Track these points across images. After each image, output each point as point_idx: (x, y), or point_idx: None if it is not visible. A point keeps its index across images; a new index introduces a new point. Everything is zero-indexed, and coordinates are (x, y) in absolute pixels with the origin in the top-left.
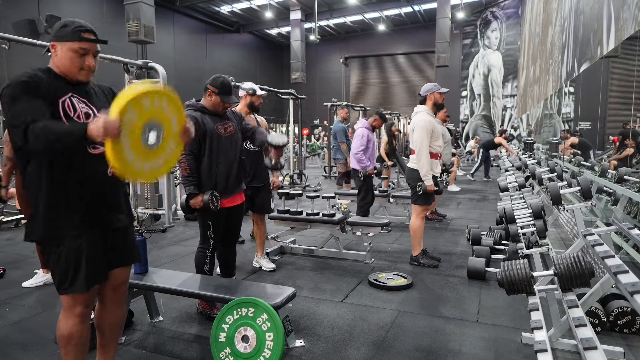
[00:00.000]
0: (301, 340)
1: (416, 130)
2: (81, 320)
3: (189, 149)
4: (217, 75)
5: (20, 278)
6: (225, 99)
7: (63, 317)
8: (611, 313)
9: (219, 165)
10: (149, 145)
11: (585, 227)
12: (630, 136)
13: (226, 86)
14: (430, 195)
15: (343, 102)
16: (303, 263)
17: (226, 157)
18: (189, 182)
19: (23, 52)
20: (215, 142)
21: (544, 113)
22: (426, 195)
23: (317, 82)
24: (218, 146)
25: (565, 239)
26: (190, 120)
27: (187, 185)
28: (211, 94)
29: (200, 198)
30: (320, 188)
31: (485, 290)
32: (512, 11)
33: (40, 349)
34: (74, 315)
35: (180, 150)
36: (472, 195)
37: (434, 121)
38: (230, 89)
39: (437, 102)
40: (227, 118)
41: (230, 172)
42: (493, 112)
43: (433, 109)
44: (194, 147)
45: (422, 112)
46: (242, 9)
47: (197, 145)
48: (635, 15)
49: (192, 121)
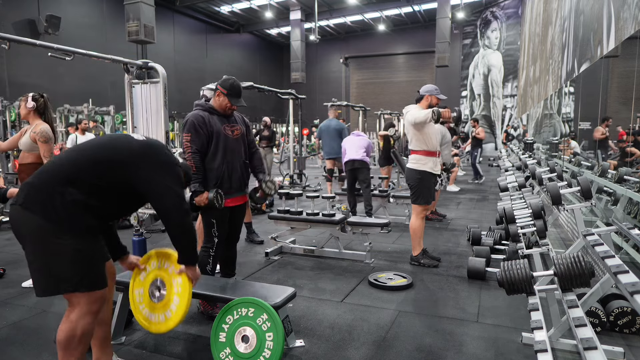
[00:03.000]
0: (301, 340)
1: (408, 115)
2: (96, 317)
3: (196, 147)
4: (228, 77)
5: (20, 278)
6: (232, 101)
7: (78, 316)
8: (611, 313)
9: (224, 166)
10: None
11: (585, 227)
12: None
13: (235, 89)
14: (430, 194)
15: (343, 102)
16: (303, 263)
17: (232, 158)
18: (195, 179)
19: (23, 52)
20: (221, 142)
21: (544, 113)
22: (425, 193)
23: (317, 82)
24: (224, 147)
25: (565, 239)
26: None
27: (192, 182)
28: (220, 95)
29: (206, 195)
30: (320, 188)
31: (485, 290)
32: (512, 11)
33: (40, 349)
34: (92, 313)
35: (183, 312)
36: (472, 195)
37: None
38: (239, 92)
39: (431, 105)
40: (236, 121)
41: (234, 173)
42: (493, 112)
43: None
44: (200, 146)
45: (414, 107)
46: (242, 9)
47: (204, 145)
48: (635, 15)
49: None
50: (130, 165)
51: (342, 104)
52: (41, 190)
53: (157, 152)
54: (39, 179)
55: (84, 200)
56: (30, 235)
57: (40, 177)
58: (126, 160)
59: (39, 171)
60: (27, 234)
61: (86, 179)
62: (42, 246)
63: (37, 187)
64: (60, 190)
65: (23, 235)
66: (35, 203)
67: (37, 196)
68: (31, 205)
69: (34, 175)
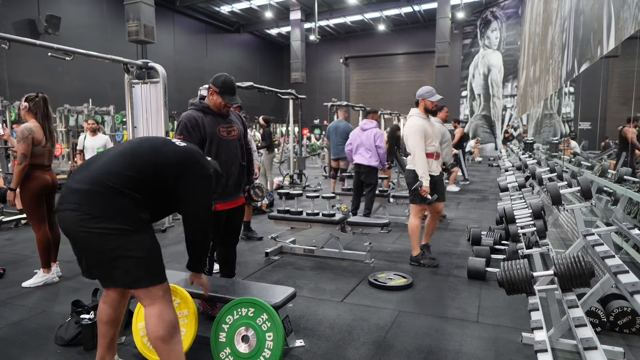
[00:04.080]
0: (301, 340)
1: (409, 137)
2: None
3: None
4: (219, 74)
5: (20, 278)
6: (226, 99)
7: (163, 307)
8: (611, 313)
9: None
10: None
11: (585, 227)
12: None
13: (228, 85)
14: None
15: (343, 102)
16: (303, 263)
17: (227, 161)
18: None
19: (23, 52)
20: (215, 145)
21: (544, 113)
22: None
23: (317, 82)
24: (218, 149)
25: (565, 239)
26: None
27: None
28: (213, 93)
29: None
30: (321, 188)
31: (485, 290)
32: (512, 11)
33: (40, 349)
34: (170, 302)
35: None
36: (472, 195)
37: (426, 124)
38: (233, 88)
39: (427, 108)
40: (232, 120)
41: (230, 177)
42: (493, 112)
43: (425, 112)
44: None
45: (414, 115)
46: (242, 9)
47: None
48: (635, 15)
49: (191, 122)
50: (173, 171)
51: (342, 104)
52: (96, 192)
53: (197, 162)
54: (90, 182)
55: (138, 199)
56: (99, 237)
57: (90, 181)
58: (171, 166)
59: (83, 176)
60: (94, 237)
61: (134, 182)
62: (114, 246)
63: (90, 191)
64: (117, 191)
65: (86, 239)
66: (95, 207)
67: (95, 200)
68: (92, 209)
69: (78, 180)
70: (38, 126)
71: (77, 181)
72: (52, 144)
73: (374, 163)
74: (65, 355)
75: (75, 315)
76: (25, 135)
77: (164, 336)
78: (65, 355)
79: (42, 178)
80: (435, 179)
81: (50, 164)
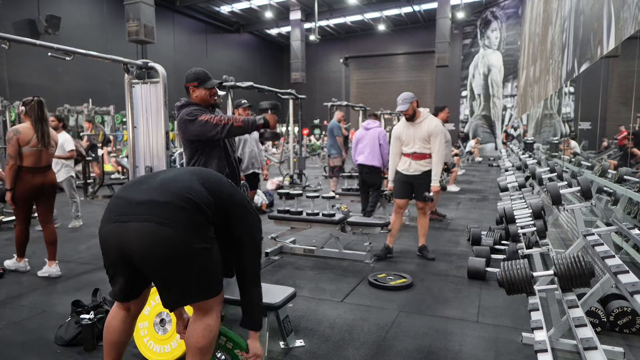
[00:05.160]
0: (301, 340)
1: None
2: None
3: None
4: (188, 72)
5: (20, 278)
6: (208, 85)
7: (214, 319)
8: (611, 313)
9: (210, 167)
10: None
11: (585, 227)
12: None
13: (201, 74)
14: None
15: (343, 102)
16: (303, 263)
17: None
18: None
19: (23, 52)
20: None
21: (544, 113)
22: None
23: (317, 82)
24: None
25: (565, 239)
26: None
27: None
28: (194, 90)
29: None
30: (321, 188)
31: (485, 290)
32: (512, 11)
33: (40, 349)
34: (219, 313)
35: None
36: (472, 195)
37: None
38: (206, 74)
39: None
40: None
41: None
42: (493, 112)
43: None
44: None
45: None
46: (242, 9)
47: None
48: (635, 15)
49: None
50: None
51: (342, 104)
52: (166, 204)
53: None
54: (160, 195)
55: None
56: (174, 250)
57: (160, 193)
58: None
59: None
60: (168, 250)
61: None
62: (184, 260)
63: (161, 203)
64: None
65: (156, 252)
66: (168, 218)
67: (169, 212)
68: (165, 220)
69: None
70: (29, 127)
71: (145, 193)
72: (45, 146)
73: (377, 163)
74: (65, 355)
75: (75, 315)
76: (9, 136)
77: (204, 347)
78: (65, 355)
79: (28, 181)
80: (410, 179)
81: (45, 165)
